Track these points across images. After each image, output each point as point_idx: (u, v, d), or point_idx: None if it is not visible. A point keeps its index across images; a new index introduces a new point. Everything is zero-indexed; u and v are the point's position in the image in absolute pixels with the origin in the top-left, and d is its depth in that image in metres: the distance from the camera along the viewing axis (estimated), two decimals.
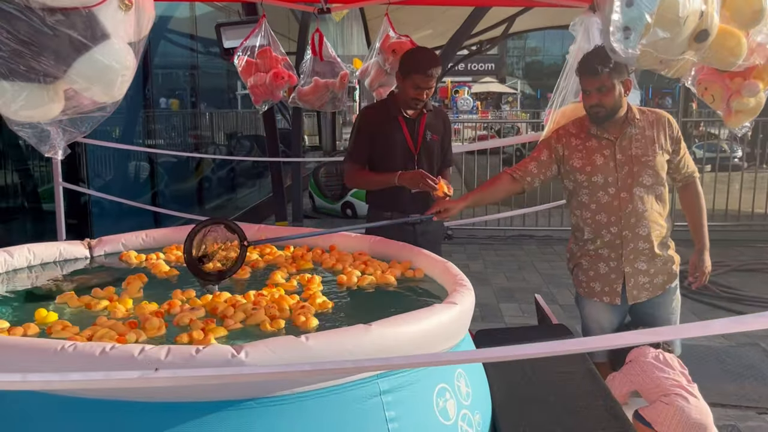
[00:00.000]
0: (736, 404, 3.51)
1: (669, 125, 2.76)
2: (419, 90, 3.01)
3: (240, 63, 3.57)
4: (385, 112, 3.16)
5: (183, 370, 1.07)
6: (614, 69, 2.59)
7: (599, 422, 1.89)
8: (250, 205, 9.28)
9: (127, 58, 1.27)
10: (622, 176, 2.71)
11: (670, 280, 2.81)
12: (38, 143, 1.34)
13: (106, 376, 0.93)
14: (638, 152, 2.70)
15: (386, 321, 1.60)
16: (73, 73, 1.18)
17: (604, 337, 1.66)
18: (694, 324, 1.13)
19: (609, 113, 2.68)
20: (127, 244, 2.74)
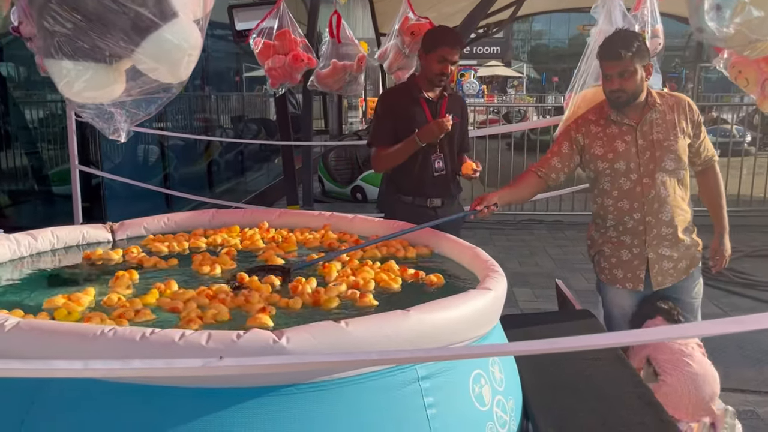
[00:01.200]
0: (755, 390, 3.50)
1: (689, 109, 2.72)
2: (445, 63, 2.99)
3: (257, 45, 3.53)
4: (407, 95, 3.13)
5: (246, 358, 1.05)
6: (636, 53, 2.55)
7: (632, 409, 1.88)
8: (259, 188, 9.26)
9: (195, 37, 1.23)
10: (644, 162, 2.68)
11: (694, 264, 2.79)
12: (102, 125, 1.31)
13: (168, 364, 0.91)
14: (660, 137, 2.67)
15: (424, 306, 1.58)
16: (141, 52, 1.14)
17: (641, 331, 1.64)
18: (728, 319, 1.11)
19: (630, 98, 2.64)
20: (149, 227, 2.73)
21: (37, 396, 1.42)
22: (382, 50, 3.83)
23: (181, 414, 1.38)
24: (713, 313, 4.56)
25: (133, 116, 1.31)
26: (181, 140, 7.20)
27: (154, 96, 1.28)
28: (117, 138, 1.35)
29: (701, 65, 8.64)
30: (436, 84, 3.08)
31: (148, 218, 2.77)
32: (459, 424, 1.59)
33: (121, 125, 1.31)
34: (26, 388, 1.43)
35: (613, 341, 1.25)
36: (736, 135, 10.83)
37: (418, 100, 3.09)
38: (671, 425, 1.79)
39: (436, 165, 3.10)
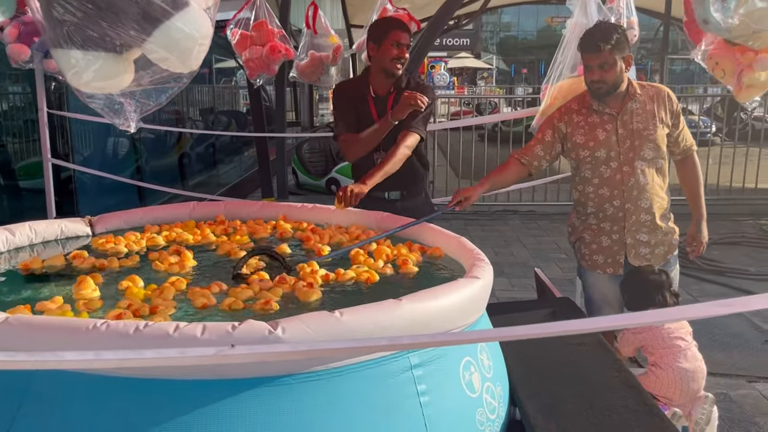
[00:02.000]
0: (726, 373, 3.61)
1: (669, 99, 2.78)
2: (401, 47, 2.91)
3: (234, 36, 3.48)
4: (358, 89, 3.07)
5: (260, 345, 1.05)
6: (616, 45, 2.61)
7: (616, 392, 1.92)
8: (232, 181, 9.17)
9: (206, 26, 1.21)
10: (624, 150, 2.74)
11: (671, 250, 2.86)
12: (111, 116, 1.28)
13: (181, 353, 0.90)
14: (639, 126, 2.73)
15: (415, 296, 1.60)
16: (152, 41, 1.11)
17: (628, 315, 1.68)
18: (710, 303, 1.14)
19: (611, 89, 2.70)
20: (129, 221, 2.69)
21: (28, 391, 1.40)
22: (359, 42, 3.82)
23: (176, 407, 1.37)
24: (684, 299, 4.66)
25: (143, 106, 1.28)
26: (152, 133, 7.09)
27: (164, 86, 1.26)
28: (127, 129, 1.32)
29: (667, 57, 8.79)
30: (394, 72, 2.95)
31: (127, 212, 2.73)
32: (451, 411, 1.61)
33: (131, 115, 1.28)
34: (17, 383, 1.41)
35: (604, 325, 1.29)
36: (702, 125, 11.08)
37: (366, 97, 3.03)
38: (654, 407, 1.84)
39: (377, 161, 2.97)
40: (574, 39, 3.38)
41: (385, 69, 2.97)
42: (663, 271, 2.61)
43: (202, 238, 2.47)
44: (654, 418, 1.77)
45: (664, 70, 9.80)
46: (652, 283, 2.57)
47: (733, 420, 3.11)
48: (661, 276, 2.58)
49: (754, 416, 3.17)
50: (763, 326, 4.29)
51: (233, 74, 11.23)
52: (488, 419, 1.72)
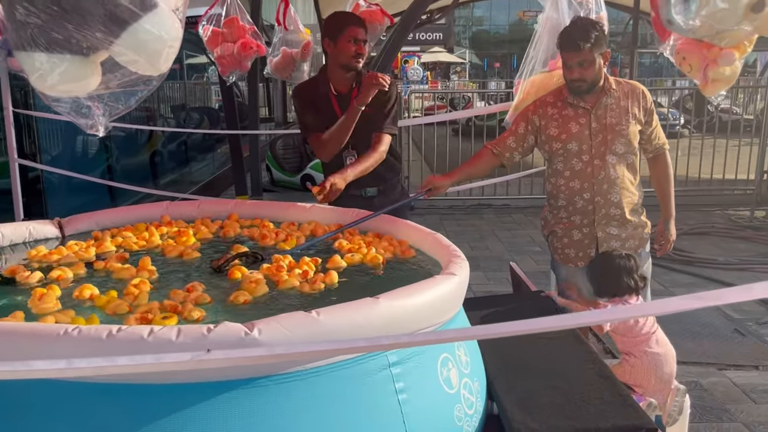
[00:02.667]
0: (697, 361, 3.69)
1: (643, 97, 2.81)
2: (358, 43, 2.85)
3: (205, 33, 3.44)
4: (317, 89, 3.01)
5: (237, 350, 1.04)
6: (595, 43, 2.63)
7: (592, 384, 1.95)
8: (205, 179, 9.07)
9: (175, 28, 1.18)
10: (596, 144, 2.77)
11: (642, 244, 2.90)
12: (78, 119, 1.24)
13: (156, 359, 0.89)
14: (612, 121, 2.76)
15: (392, 293, 1.60)
16: (120, 44, 1.09)
17: (605, 311, 1.70)
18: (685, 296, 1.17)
19: (590, 86, 2.73)
20: (100, 222, 2.64)
21: None
22: None
23: (152, 411, 1.36)
24: (655, 289, 4.74)
25: (111, 109, 1.25)
26: (123, 131, 6.97)
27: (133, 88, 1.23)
28: (95, 133, 1.29)
29: (636, 51, 8.91)
30: (353, 67, 2.90)
31: (98, 213, 2.68)
32: (429, 408, 1.62)
33: (99, 119, 1.25)
34: None
35: (582, 321, 1.30)
36: (671, 118, 11.28)
37: (327, 96, 2.97)
38: (628, 398, 1.87)
39: (348, 162, 2.97)
40: (545, 34, 3.41)
41: (343, 65, 2.91)
42: (630, 256, 2.63)
43: (147, 244, 2.35)
44: (628, 408, 1.80)
45: (633, 63, 9.92)
46: (620, 268, 2.57)
47: (705, 408, 3.18)
48: (629, 260, 2.60)
49: (725, 403, 3.24)
50: (733, 315, 4.39)
51: (205, 70, 11.09)
52: (466, 414, 1.73)
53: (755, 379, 3.50)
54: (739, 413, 3.15)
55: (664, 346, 2.56)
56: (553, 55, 3.34)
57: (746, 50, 2.38)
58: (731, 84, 2.50)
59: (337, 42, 2.87)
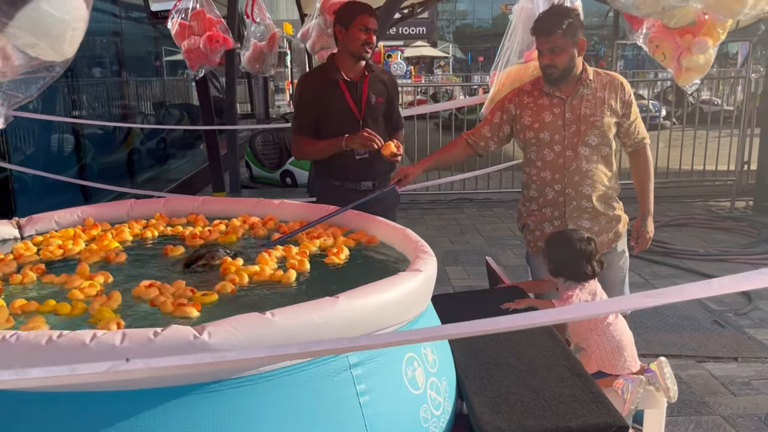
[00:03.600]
0: (677, 354, 3.66)
1: (621, 89, 2.75)
2: (368, 32, 2.89)
3: (173, 26, 3.35)
4: (325, 77, 3.01)
5: (159, 359, 0.97)
6: (567, 30, 2.59)
7: (563, 381, 1.90)
8: (183, 176, 8.95)
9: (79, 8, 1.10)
10: (569, 134, 2.73)
11: (616, 239, 2.85)
12: None
13: (71, 371, 0.82)
14: (587, 112, 2.71)
15: (353, 292, 1.54)
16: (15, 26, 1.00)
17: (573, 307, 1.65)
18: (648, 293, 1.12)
19: (562, 74, 2.68)
20: (60, 221, 2.56)
21: None
22: (304, 30, 3.73)
23: (99, 420, 1.29)
24: (635, 281, 4.74)
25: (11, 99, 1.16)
26: (99, 129, 6.84)
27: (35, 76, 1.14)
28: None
29: (618, 42, 8.92)
30: (362, 56, 2.95)
31: (59, 212, 2.60)
32: (393, 410, 1.56)
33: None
34: None
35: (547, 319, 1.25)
36: (652, 110, 11.30)
37: (337, 83, 2.97)
38: (599, 395, 1.82)
39: (357, 155, 3.00)
40: (520, 25, 3.36)
41: (353, 53, 2.95)
42: (590, 239, 2.51)
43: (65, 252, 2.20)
44: (599, 406, 1.75)
45: (614, 55, 9.93)
46: (579, 252, 2.46)
47: (684, 401, 3.15)
48: (589, 244, 2.51)
49: (704, 396, 3.21)
50: (713, 307, 4.38)
51: (185, 66, 10.95)
52: (433, 415, 1.68)
53: (734, 371, 3.48)
54: (718, 406, 3.13)
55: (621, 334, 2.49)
56: (529, 46, 3.30)
57: (720, 38, 2.33)
58: (705, 72, 2.45)
59: (348, 30, 2.91)
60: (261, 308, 1.42)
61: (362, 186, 3.06)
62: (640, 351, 2.56)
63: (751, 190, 7.49)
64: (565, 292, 2.50)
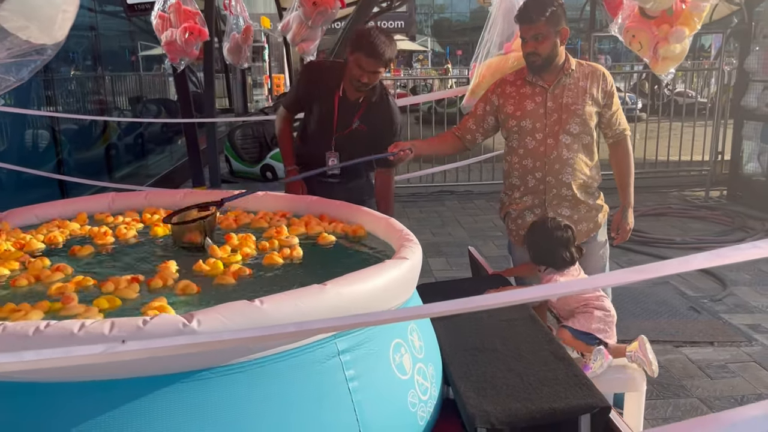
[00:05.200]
0: (654, 339, 3.72)
1: (603, 79, 2.78)
2: (362, 72, 2.78)
3: (154, 18, 3.33)
4: (329, 81, 2.94)
5: (152, 340, 0.98)
6: (550, 18, 2.62)
7: (547, 365, 1.94)
8: (162, 171, 8.87)
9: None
10: (550, 123, 2.76)
11: (596, 228, 2.89)
12: None
13: (66, 353, 0.83)
14: (568, 101, 2.74)
15: (340, 279, 1.55)
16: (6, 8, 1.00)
17: (553, 285, 1.68)
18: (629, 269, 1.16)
19: (545, 62, 2.71)
20: (40, 215, 2.53)
21: None
22: (284, 22, 3.72)
23: (91, 408, 1.29)
24: (613, 270, 4.81)
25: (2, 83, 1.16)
26: (75, 124, 6.75)
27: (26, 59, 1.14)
28: None
29: (594, 35, 9.00)
30: (355, 87, 2.87)
31: (38, 206, 2.57)
32: (381, 395, 1.58)
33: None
34: None
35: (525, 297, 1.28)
36: (628, 102, 11.44)
37: (333, 93, 2.92)
38: (582, 377, 1.86)
39: (329, 162, 2.98)
40: (500, 17, 3.39)
41: (349, 79, 2.88)
42: (568, 227, 2.57)
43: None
44: (582, 388, 1.79)
45: (591, 48, 10.02)
46: (558, 240, 2.52)
47: (662, 384, 3.22)
48: (566, 231, 2.54)
49: (682, 380, 3.29)
50: (689, 293, 4.47)
51: (162, 61, 10.84)
52: (420, 400, 1.70)
53: (711, 355, 3.57)
54: (695, 389, 3.20)
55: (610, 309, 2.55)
56: (509, 37, 3.33)
57: (696, 27, 2.38)
58: (680, 61, 2.50)
59: (350, 57, 2.83)
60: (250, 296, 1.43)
61: (329, 171, 3.05)
62: (619, 337, 2.62)
63: (725, 179, 7.64)
64: (545, 277, 2.55)
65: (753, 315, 4.09)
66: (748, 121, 7.21)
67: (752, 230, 5.97)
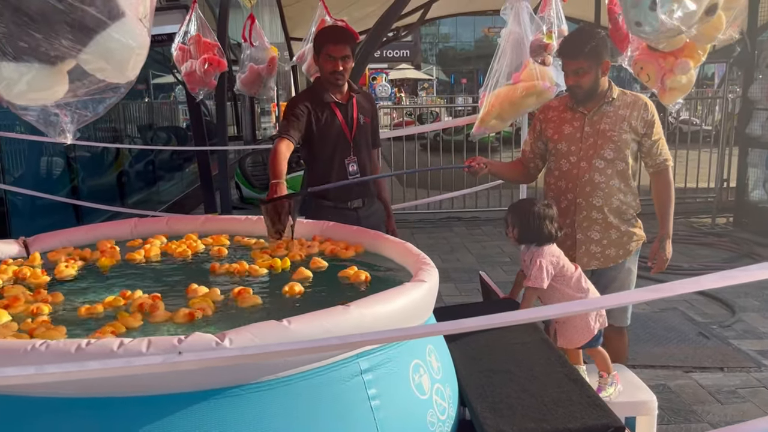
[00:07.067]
0: (664, 365, 3.76)
1: (645, 108, 2.82)
2: (334, 60, 2.95)
3: (174, 50, 3.46)
4: (317, 99, 3.08)
5: (207, 352, 1.04)
6: (590, 53, 2.71)
7: (561, 386, 1.98)
8: (173, 198, 8.98)
9: (142, 35, 1.19)
10: (585, 147, 2.84)
11: (625, 255, 2.90)
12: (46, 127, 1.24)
13: (127, 363, 0.89)
14: (606, 127, 2.81)
15: (363, 301, 1.62)
16: (87, 52, 1.09)
17: (567, 305, 1.74)
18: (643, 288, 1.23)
19: (586, 94, 2.81)
20: (67, 240, 2.61)
21: None
22: (300, 53, 3.84)
23: (124, 423, 1.35)
24: None
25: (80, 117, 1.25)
26: (88, 151, 6.88)
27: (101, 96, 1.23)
28: (63, 140, 1.29)
29: None
30: (332, 83, 3.03)
31: (63, 231, 2.65)
32: (402, 414, 1.64)
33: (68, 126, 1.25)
34: None
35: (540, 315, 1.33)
36: None
37: (329, 105, 3.06)
38: (596, 399, 1.91)
39: (350, 168, 3.11)
40: (508, 47, 3.49)
41: (325, 78, 3.05)
42: (550, 204, 2.62)
43: None
44: (596, 409, 1.83)
45: None
46: (543, 216, 2.55)
47: (673, 409, 3.24)
48: (550, 208, 2.58)
49: (692, 405, 3.31)
50: (698, 319, 4.49)
51: (171, 90, 11.04)
52: (439, 420, 1.75)
53: (721, 380, 3.58)
54: (706, 414, 3.22)
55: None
56: (517, 68, 3.42)
57: (701, 59, 2.47)
58: (687, 92, 2.59)
59: (319, 58, 3.02)
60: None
61: (352, 204, 3.15)
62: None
63: (731, 206, 7.68)
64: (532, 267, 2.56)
65: (762, 341, 4.11)
66: (753, 148, 7.29)
67: (759, 257, 6.00)
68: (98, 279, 2.22)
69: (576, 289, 2.56)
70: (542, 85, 3.19)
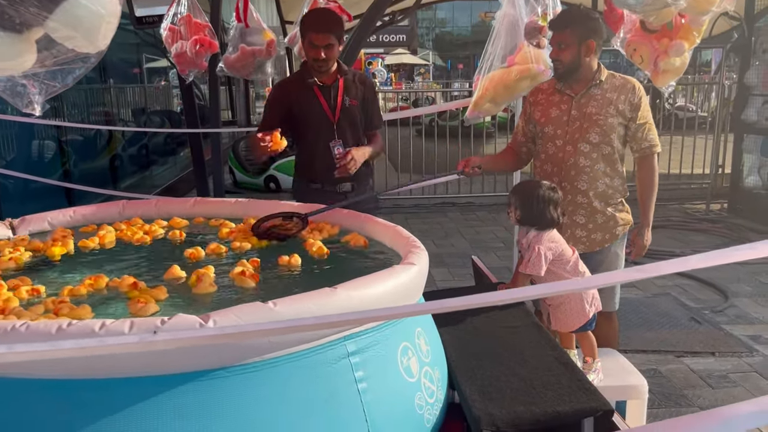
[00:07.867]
0: (655, 350, 3.77)
1: (632, 92, 2.76)
2: (315, 48, 2.93)
3: (164, 30, 3.40)
4: (300, 82, 3.08)
5: (183, 331, 1.02)
6: (575, 29, 2.70)
7: (551, 370, 1.98)
8: (166, 182, 8.93)
9: (113, 3, 1.16)
10: (571, 130, 2.81)
11: (612, 239, 2.88)
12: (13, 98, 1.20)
13: (100, 342, 0.87)
14: (592, 110, 2.78)
15: (350, 283, 1.59)
16: (54, 20, 1.05)
17: (556, 284, 1.73)
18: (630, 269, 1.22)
19: (567, 69, 2.77)
20: (53, 222, 2.58)
21: None
22: (291, 35, 3.79)
23: (107, 405, 1.33)
24: None
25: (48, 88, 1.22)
26: (80, 134, 6.82)
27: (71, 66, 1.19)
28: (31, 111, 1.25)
29: None
30: (316, 69, 3.01)
31: (51, 212, 2.62)
32: (389, 397, 1.62)
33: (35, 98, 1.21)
34: None
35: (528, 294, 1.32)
36: None
37: (311, 87, 3.04)
38: (585, 382, 1.90)
39: (335, 151, 3.07)
40: (503, 30, 3.45)
41: (309, 64, 3.03)
42: (554, 188, 2.53)
43: None
44: (586, 392, 1.83)
45: None
46: (548, 200, 2.48)
47: (664, 394, 3.25)
48: (555, 192, 2.51)
49: (683, 389, 3.32)
50: (690, 304, 4.50)
51: (165, 73, 10.95)
52: (427, 403, 1.74)
53: (712, 365, 3.60)
54: (696, 398, 3.23)
55: None
56: (512, 50, 3.39)
57: (695, 41, 2.44)
58: (681, 74, 2.56)
59: (302, 42, 3.01)
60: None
61: (341, 188, 3.13)
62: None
63: (725, 192, 7.69)
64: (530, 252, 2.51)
65: (754, 326, 4.12)
66: (748, 134, 7.28)
67: None
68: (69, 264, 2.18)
69: (573, 273, 2.54)
70: (537, 68, 3.16)
